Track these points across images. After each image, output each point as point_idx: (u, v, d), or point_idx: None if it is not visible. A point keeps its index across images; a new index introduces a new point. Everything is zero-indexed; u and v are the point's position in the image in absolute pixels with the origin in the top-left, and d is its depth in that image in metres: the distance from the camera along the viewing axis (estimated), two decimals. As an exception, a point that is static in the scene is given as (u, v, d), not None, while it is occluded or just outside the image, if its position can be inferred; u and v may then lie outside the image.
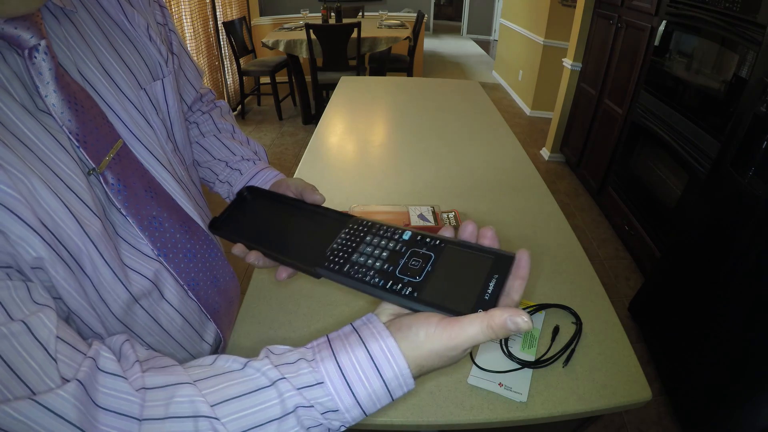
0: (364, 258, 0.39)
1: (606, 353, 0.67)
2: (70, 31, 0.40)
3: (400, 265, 0.37)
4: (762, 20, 1.26)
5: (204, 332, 0.56)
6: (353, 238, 0.41)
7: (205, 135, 0.67)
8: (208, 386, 0.32)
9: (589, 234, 2.35)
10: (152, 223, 0.45)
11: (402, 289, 0.35)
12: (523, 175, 1.18)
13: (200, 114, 0.69)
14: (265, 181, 0.61)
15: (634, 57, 2.11)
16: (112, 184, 0.41)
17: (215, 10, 3.66)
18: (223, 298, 0.58)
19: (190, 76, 0.63)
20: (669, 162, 1.80)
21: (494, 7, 7.68)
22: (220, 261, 0.56)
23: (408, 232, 0.40)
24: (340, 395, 0.31)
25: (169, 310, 0.48)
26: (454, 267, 0.36)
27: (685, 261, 1.45)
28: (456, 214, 0.98)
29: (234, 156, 0.65)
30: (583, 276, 0.82)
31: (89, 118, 0.38)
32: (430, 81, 2.03)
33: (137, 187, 0.43)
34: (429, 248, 0.38)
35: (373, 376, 0.31)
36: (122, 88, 0.44)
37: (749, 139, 1.17)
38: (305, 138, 3.43)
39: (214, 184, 0.66)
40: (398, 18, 4.74)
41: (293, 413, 0.31)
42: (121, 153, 0.42)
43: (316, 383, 0.31)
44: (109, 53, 0.43)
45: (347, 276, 0.38)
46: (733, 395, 1.13)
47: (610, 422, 1.41)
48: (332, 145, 1.37)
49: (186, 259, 0.50)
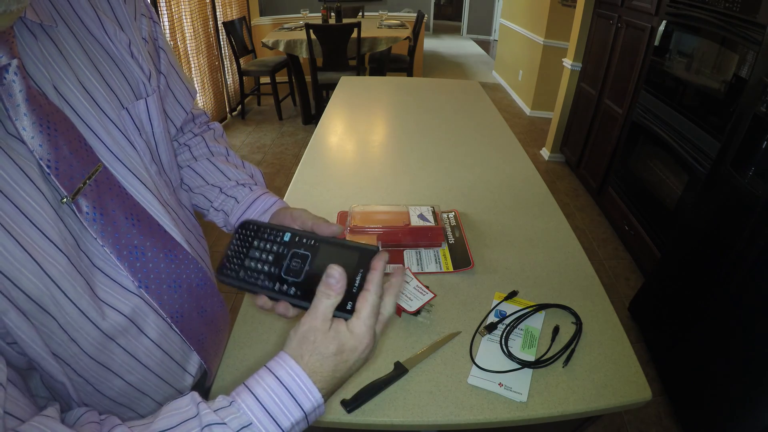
0: (254, 263, 0.41)
1: (606, 353, 0.66)
2: (48, 47, 0.38)
3: (283, 267, 0.40)
4: (762, 20, 1.26)
5: (186, 364, 0.53)
6: (243, 244, 0.43)
7: (198, 159, 0.63)
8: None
9: (589, 234, 2.35)
10: (133, 252, 0.42)
11: (288, 289, 0.39)
12: (523, 175, 1.18)
13: (192, 136, 0.65)
14: (263, 210, 0.58)
15: (634, 57, 2.11)
16: (86, 212, 0.38)
17: (215, 10, 3.66)
18: (209, 329, 0.54)
19: (180, 96, 0.58)
20: (669, 162, 1.80)
21: (494, 7, 7.68)
22: (209, 289, 0.53)
23: (288, 233, 0.42)
24: (247, 402, 0.34)
25: (148, 345, 0.46)
26: (328, 264, 0.38)
27: (685, 261, 1.45)
28: (456, 214, 0.98)
29: (228, 181, 0.61)
30: (583, 276, 0.82)
31: (63, 143, 0.36)
32: (430, 81, 2.03)
33: (116, 215, 0.41)
34: (306, 248, 0.41)
35: (268, 377, 0.35)
36: (103, 108, 0.42)
37: (749, 139, 1.17)
38: (305, 138, 3.43)
39: (209, 212, 0.61)
40: (398, 18, 4.74)
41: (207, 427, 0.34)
42: (100, 178, 0.40)
43: (230, 404, 0.35)
44: (89, 71, 0.41)
45: (243, 281, 0.41)
46: (733, 395, 1.13)
47: (610, 422, 1.41)
48: (332, 145, 1.37)
49: (170, 290, 0.47)
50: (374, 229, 0.88)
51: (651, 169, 1.97)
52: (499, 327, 0.70)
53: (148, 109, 0.47)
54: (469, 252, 0.86)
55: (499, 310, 0.73)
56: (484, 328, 0.70)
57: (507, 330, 0.69)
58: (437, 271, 0.82)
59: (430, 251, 0.87)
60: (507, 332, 0.69)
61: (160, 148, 0.51)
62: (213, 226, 0.62)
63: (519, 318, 0.72)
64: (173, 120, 0.58)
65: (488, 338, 0.69)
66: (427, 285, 0.75)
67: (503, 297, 0.76)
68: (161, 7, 2.79)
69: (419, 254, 0.86)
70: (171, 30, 2.93)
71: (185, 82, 0.60)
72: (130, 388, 0.46)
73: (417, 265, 0.83)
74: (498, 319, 0.71)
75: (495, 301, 0.76)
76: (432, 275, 0.81)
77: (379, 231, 0.88)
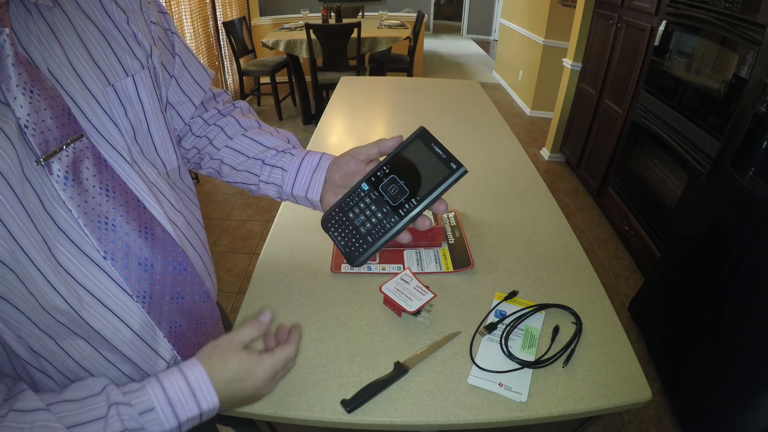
0: (366, 222, 0.47)
1: (606, 353, 0.66)
2: (41, 27, 0.40)
3: (389, 199, 0.46)
4: (762, 20, 1.26)
5: (157, 347, 0.50)
6: (344, 226, 0.48)
7: (233, 137, 0.64)
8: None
9: (589, 234, 2.35)
10: (102, 222, 0.42)
11: (409, 206, 0.45)
12: (523, 175, 1.18)
13: (219, 115, 0.66)
14: (312, 169, 0.58)
15: (634, 57, 2.11)
16: (57, 176, 0.39)
17: (215, 10, 3.66)
18: (185, 319, 0.52)
19: (196, 75, 0.61)
20: (669, 162, 1.80)
21: (494, 7, 7.68)
22: (190, 279, 0.51)
23: (362, 183, 0.48)
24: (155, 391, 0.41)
25: (113, 321, 0.44)
26: (410, 165, 0.46)
27: (685, 261, 1.45)
28: (456, 214, 0.98)
29: (268, 150, 0.62)
30: (583, 276, 0.82)
31: (45, 107, 0.38)
32: (430, 81, 2.03)
33: (90, 183, 0.42)
34: (385, 175, 0.47)
35: (179, 374, 0.43)
36: (88, 85, 0.43)
37: (749, 139, 1.17)
38: (305, 138, 3.43)
39: (258, 186, 0.62)
40: (398, 18, 4.74)
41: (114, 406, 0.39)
42: (79, 147, 0.41)
43: (138, 389, 0.41)
44: (77, 49, 0.42)
45: (374, 238, 0.46)
46: (733, 395, 1.13)
47: (610, 422, 1.41)
48: (332, 145, 1.37)
49: (140, 268, 0.45)
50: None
51: (651, 169, 1.97)
52: (499, 327, 0.70)
53: (136, 86, 0.48)
54: (469, 252, 0.86)
55: (499, 310, 0.73)
56: (484, 328, 0.70)
57: (507, 330, 0.69)
58: (437, 271, 0.82)
59: (430, 251, 0.87)
60: (507, 332, 0.69)
61: (152, 127, 0.51)
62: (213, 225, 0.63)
63: (519, 318, 0.72)
64: (191, 98, 0.61)
65: (488, 338, 0.69)
66: (427, 285, 0.75)
67: (503, 297, 0.76)
68: (161, 7, 2.79)
69: (419, 254, 0.86)
70: (171, 30, 2.93)
71: (202, 65, 0.63)
72: (95, 353, 0.45)
73: (417, 265, 0.83)
74: (498, 319, 0.71)
75: (495, 301, 0.76)
76: (432, 275, 0.81)
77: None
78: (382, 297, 0.75)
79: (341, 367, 0.64)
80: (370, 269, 0.82)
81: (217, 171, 0.65)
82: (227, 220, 2.42)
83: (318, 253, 0.86)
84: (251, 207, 2.55)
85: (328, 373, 0.63)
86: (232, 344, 0.45)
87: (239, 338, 0.46)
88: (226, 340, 0.45)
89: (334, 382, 0.61)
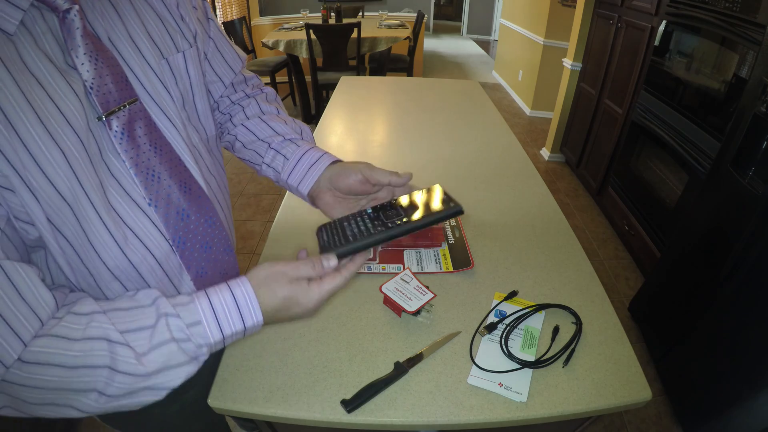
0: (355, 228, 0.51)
1: (606, 353, 0.66)
2: (105, 4, 0.46)
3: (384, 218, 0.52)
4: (762, 20, 1.26)
5: (181, 286, 0.56)
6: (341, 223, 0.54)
7: (250, 118, 0.69)
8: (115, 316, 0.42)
9: (589, 234, 2.35)
10: (149, 174, 0.48)
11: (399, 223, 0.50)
12: (523, 175, 1.18)
13: (245, 97, 0.71)
14: (310, 163, 0.61)
15: (634, 57, 2.11)
16: (115, 131, 0.45)
17: (215, 10, 3.67)
18: (211, 267, 0.58)
19: (229, 58, 0.66)
20: (669, 162, 1.80)
21: (494, 7, 7.68)
22: (219, 233, 0.58)
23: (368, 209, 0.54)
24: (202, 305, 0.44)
25: (150, 261, 0.50)
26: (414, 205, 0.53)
27: (685, 261, 1.45)
28: (456, 214, 0.98)
29: (277, 136, 0.66)
30: (583, 276, 0.82)
31: (107, 73, 0.44)
32: (430, 81, 2.03)
33: (142, 140, 0.48)
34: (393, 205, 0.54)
35: (226, 291, 0.45)
36: (145, 56, 0.49)
37: (749, 139, 1.16)
38: (305, 138, 3.42)
39: (261, 167, 0.66)
40: (398, 18, 4.74)
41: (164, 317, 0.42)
42: (134, 108, 0.47)
43: (188, 303, 0.44)
44: (136, 25, 0.49)
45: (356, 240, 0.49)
46: (733, 395, 1.13)
47: (610, 422, 1.41)
48: (332, 145, 1.37)
49: (177, 216, 0.52)
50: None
51: (651, 169, 1.97)
52: (499, 327, 0.70)
53: (186, 61, 0.54)
54: (469, 252, 0.86)
55: (499, 310, 0.73)
56: (484, 328, 0.70)
57: (507, 330, 0.69)
58: (437, 271, 0.82)
59: (430, 251, 0.87)
60: (507, 332, 0.69)
61: (197, 98, 0.58)
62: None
63: (519, 318, 0.72)
64: (222, 78, 0.67)
65: (488, 338, 0.69)
66: (427, 285, 0.75)
67: (503, 297, 0.76)
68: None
69: (419, 254, 0.86)
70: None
71: (234, 48, 0.68)
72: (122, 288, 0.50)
73: (417, 265, 0.83)
74: (498, 319, 0.71)
75: (495, 301, 0.76)
76: (432, 275, 0.81)
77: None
78: (382, 297, 0.75)
79: (341, 367, 0.64)
80: (370, 269, 0.82)
81: (231, 145, 0.71)
82: (227, 220, 2.42)
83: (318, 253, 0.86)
84: (251, 207, 2.55)
85: (328, 373, 0.63)
86: (286, 276, 0.46)
87: (294, 273, 0.47)
88: (280, 272, 0.46)
89: (334, 382, 0.61)
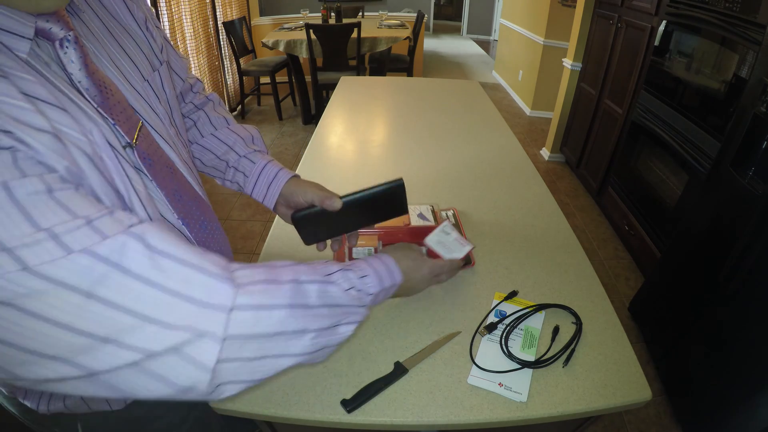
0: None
1: (606, 353, 0.66)
2: (82, 28, 0.44)
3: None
4: (762, 20, 1.26)
5: None
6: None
7: (204, 135, 0.70)
8: None
9: (589, 234, 2.35)
10: (175, 195, 0.51)
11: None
12: (523, 175, 1.18)
13: (194, 110, 0.71)
14: (268, 182, 0.66)
15: (634, 57, 2.11)
16: (144, 157, 0.46)
17: (215, 10, 3.66)
18: None
19: (176, 67, 0.66)
20: (669, 162, 1.80)
21: (494, 7, 7.68)
22: (221, 237, 0.62)
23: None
24: (363, 265, 0.53)
25: None
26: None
27: (685, 261, 1.45)
28: (455, 213, 0.98)
29: (231, 151, 0.69)
30: (583, 276, 0.82)
31: (116, 102, 0.43)
32: (430, 81, 2.03)
33: (161, 163, 0.49)
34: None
35: (377, 259, 0.56)
36: (130, 80, 0.48)
37: (749, 139, 1.16)
38: (305, 138, 3.42)
39: (223, 182, 0.71)
40: (398, 18, 4.73)
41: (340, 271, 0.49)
42: (143, 132, 0.47)
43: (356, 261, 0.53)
44: (115, 48, 0.47)
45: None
46: (733, 395, 1.13)
47: (610, 422, 1.41)
48: (332, 145, 1.37)
49: (201, 227, 0.56)
50: (374, 229, 0.88)
51: (651, 169, 1.97)
52: (499, 327, 0.70)
53: (161, 78, 0.54)
54: (470, 252, 0.86)
55: (499, 310, 0.73)
56: (484, 328, 0.70)
57: (507, 330, 0.69)
58: (437, 271, 0.82)
59: (430, 251, 0.87)
60: (507, 332, 0.69)
61: (174, 114, 0.58)
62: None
63: (519, 318, 0.72)
64: (175, 88, 0.65)
65: (488, 338, 0.69)
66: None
67: (503, 297, 0.76)
68: (161, 7, 2.79)
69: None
70: (171, 30, 2.93)
71: (178, 53, 0.68)
72: None
73: (417, 265, 0.83)
74: (498, 319, 0.71)
75: (495, 301, 0.76)
76: (432, 275, 0.81)
77: (380, 231, 0.88)
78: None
79: (341, 367, 0.64)
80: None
81: None
82: (227, 220, 2.42)
83: (318, 254, 0.86)
84: (251, 207, 2.54)
85: (328, 373, 0.63)
86: (412, 249, 0.63)
87: (420, 250, 0.64)
88: (409, 246, 0.64)
89: (334, 382, 0.61)
